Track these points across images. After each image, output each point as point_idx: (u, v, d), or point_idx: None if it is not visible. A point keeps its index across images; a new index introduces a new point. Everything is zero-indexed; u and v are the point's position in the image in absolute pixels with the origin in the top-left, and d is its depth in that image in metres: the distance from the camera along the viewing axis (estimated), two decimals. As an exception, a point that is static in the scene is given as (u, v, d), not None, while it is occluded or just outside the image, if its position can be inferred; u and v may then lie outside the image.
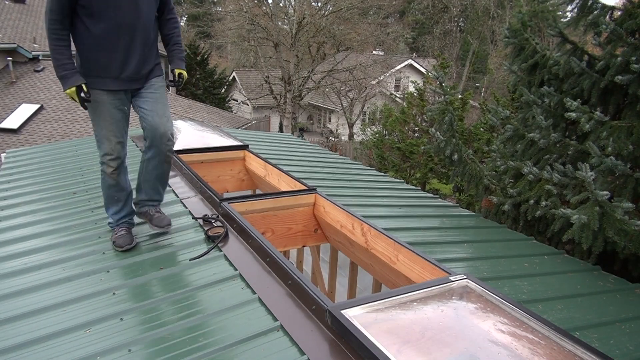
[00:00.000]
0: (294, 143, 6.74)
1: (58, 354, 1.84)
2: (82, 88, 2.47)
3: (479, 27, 31.64)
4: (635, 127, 3.56)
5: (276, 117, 24.08)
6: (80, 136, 11.50)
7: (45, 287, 2.32)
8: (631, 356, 2.20)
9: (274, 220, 3.42)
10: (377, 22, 23.81)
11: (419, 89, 13.07)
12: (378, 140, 14.21)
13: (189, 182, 3.78)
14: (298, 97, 20.61)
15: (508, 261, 3.16)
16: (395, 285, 2.85)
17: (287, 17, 20.35)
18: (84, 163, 4.61)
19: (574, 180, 3.66)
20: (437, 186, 14.04)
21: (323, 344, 1.90)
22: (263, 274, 2.43)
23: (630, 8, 3.83)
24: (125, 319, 2.06)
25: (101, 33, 2.48)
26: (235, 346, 1.88)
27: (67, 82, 2.46)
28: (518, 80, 4.66)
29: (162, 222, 2.86)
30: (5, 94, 13.58)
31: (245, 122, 18.92)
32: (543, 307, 2.55)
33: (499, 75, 24.47)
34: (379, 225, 3.01)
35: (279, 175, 4.00)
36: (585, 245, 3.27)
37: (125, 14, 2.49)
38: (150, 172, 2.83)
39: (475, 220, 4.16)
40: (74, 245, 2.79)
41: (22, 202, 3.56)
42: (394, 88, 24.73)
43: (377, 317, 2.04)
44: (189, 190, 3.63)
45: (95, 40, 2.49)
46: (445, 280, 2.28)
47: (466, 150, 4.78)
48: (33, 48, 15.42)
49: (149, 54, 2.70)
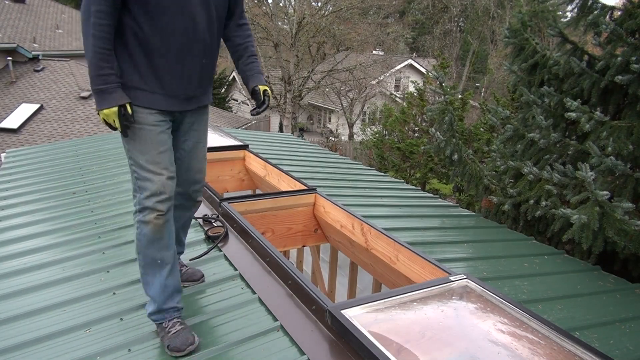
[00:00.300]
0: (294, 143, 6.74)
1: (58, 354, 1.84)
2: (126, 108, 1.87)
3: (479, 27, 31.64)
4: (635, 127, 3.55)
5: (276, 117, 24.07)
6: (80, 136, 11.50)
7: (45, 287, 2.32)
8: (631, 356, 2.20)
9: (274, 220, 3.42)
10: (377, 22, 23.80)
11: (419, 89, 13.07)
12: (378, 140, 14.21)
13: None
14: (298, 97, 20.60)
15: (508, 261, 3.16)
16: (395, 285, 2.85)
17: (287, 17, 20.34)
18: (84, 163, 4.61)
19: (574, 180, 3.66)
20: (437, 186, 14.04)
21: (323, 344, 1.90)
22: (263, 274, 2.43)
23: (630, 8, 3.83)
24: (125, 319, 2.06)
25: (159, 34, 1.88)
26: (235, 346, 1.88)
27: (106, 100, 1.83)
28: (518, 80, 4.66)
29: (196, 275, 2.39)
30: (5, 93, 13.58)
31: (245, 122, 18.92)
32: (543, 307, 2.55)
33: (499, 75, 24.46)
34: (379, 225, 3.01)
35: (279, 175, 4.00)
36: (585, 245, 3.27)
37: (193, 12, 1.92)
38: (175, 219, 2.20)
39: (475, 220, 4.16)
40: (74, 245, 2.79)
41: (21, 202, 3.55)
42: (394, 88, 24.73)
43: (377, 317, 2.04)
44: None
45: (150, 42, 1.89)
46: (445, 280, 2.28)
47: (466, 150, 4.78)
48: (33, 48, 15.43)
49: (211, 66, 2.12)
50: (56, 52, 16.50)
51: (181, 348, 1.85)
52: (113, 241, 2.84)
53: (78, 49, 18.09)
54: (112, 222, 3.11)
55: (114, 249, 2.74)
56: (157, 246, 1.98)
